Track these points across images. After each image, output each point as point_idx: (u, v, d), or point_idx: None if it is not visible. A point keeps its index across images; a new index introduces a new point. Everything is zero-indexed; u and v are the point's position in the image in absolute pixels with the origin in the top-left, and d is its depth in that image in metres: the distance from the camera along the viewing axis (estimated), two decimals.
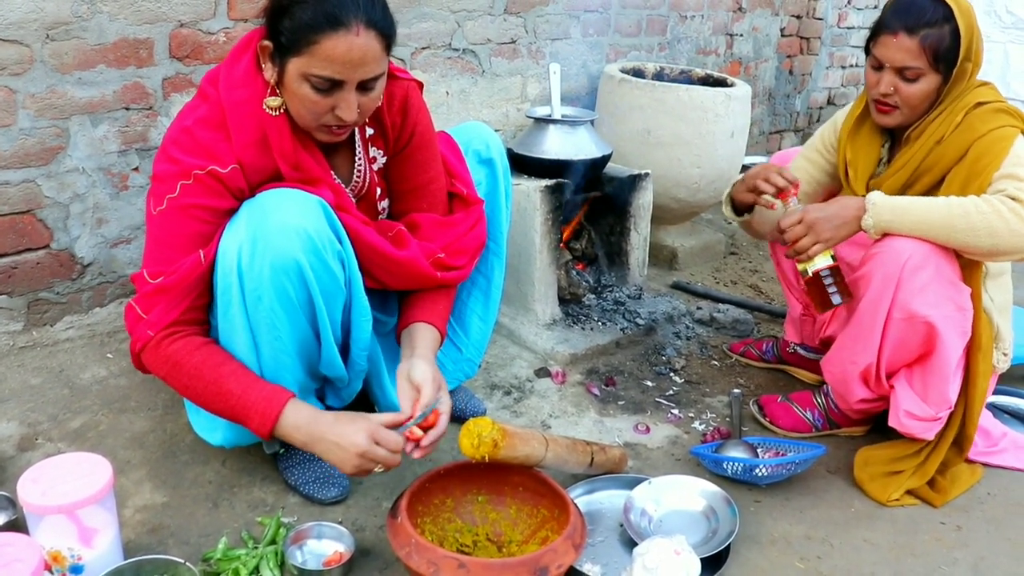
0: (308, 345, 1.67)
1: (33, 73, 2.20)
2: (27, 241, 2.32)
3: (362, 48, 1.49)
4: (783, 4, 4.51)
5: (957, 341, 1.91)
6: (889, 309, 1.89)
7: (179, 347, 1.59)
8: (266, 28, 1.55)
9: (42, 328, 2.41)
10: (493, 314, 2.13)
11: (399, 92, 1.78)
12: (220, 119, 1.59)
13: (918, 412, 1.96)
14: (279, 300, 1.56)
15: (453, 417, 2.11)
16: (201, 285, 1.60)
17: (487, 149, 2.00)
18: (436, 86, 3.05)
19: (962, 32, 1.88)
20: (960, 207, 1.83)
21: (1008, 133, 1.89)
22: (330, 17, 1.46)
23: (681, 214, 3.39)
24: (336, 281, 1.62)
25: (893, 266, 1.86)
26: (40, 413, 2.09)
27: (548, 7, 3.31)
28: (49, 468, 1.51)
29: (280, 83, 1.57)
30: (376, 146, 1.81)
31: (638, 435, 2.19)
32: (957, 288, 1.89)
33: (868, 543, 1.82)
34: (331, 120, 1.57)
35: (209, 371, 1.58)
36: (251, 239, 1.53)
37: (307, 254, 1.54)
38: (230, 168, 1.58)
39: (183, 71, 2.44)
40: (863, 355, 1.98)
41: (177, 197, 1.56)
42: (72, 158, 2.32)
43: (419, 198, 1.86)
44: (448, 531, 1.67)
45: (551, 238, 2.61)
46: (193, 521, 1.75)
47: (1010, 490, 2.03)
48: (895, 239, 1.87)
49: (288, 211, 1.54)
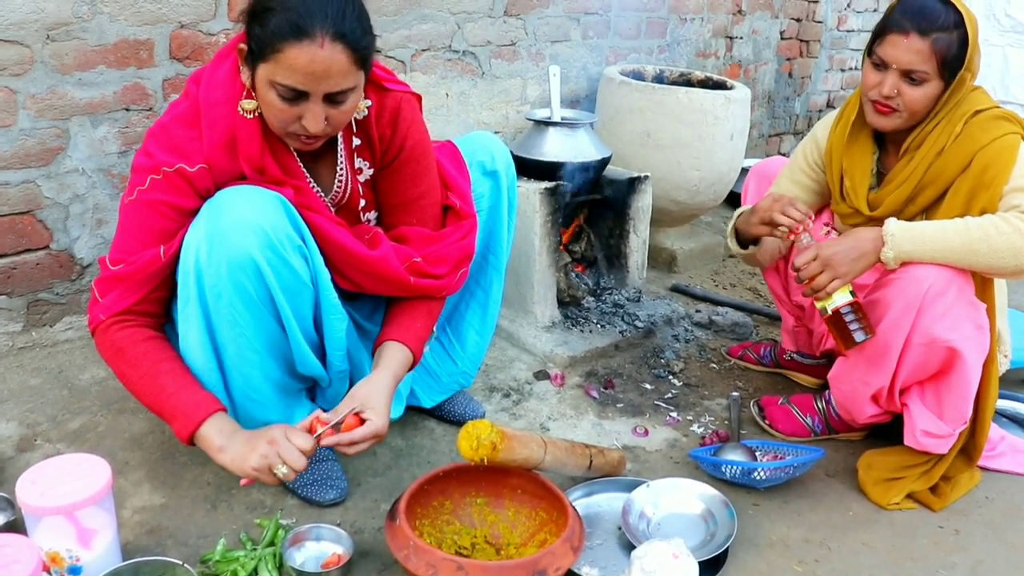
0: (277, 342, 1.67)
1: (33, 74, 2.20)
2: (27, 242, 2.32)
3: (325, 61, 1.46)
4: (783, 7, 4.51)
5: (977, 359, 1.87)
6: (908, 335, 1.84)
7: (126, 335, 1.60)
8: (245, 31, 1.55)
9: (41, 329, 2.41)
10: (490, 328, 2.13)
11: (390, 104, 1.75)
12: (196, 117, 1.60)
13: (934, 430, 1.92)
14: (239, 296, 1.56)
15: (452, 420, 2.14)
16: (157, 279, 1.62)
17: (492, 161, 1.98)
18: (436, 88, 3.05)
19: (969, 40, 1.85)
20: (980, 230, 1.79)
21: (1011, 142, 1.87)
22: (294, 27, 1.44)
23: (680, 217, 3.39)
24: (297, 277, 1.61)
25: (914, 294, 1.80)
26: (39, 414, 2.09)
27: (548, 9, 3.31)
28: (48, 469, 1.51)
29: (252, 87, 1.57)
30: (362, 157, 1.79)
31: (637, 438, 2.19)
32: (975, 307, 1.85)
33: (866, 547, 1.82)
34: (299, 129, 1.55)
35: (148, 364, 1.59)
36: (208, 236, 1.53)
37: (263, 250, 1.53)
38: (198, 167, 1.58)
39: (183, 72, 2.44)
40: (877, 378, 1.93)
41: (146, 191, 1.58)
42: (72, 159, 2.32)
43: (408, 212, 1.84)
44: (446, 533, 1.67)
45: (550, 240, 2.61)
46: (192, 522, 1.76)
47: (1008, 494, 2.03)
48: (914, 268, 1.83)
49: (244, 207, 1.54)
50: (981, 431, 1.99)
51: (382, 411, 1.61)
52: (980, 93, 1.96)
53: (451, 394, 2.15)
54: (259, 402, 1.71)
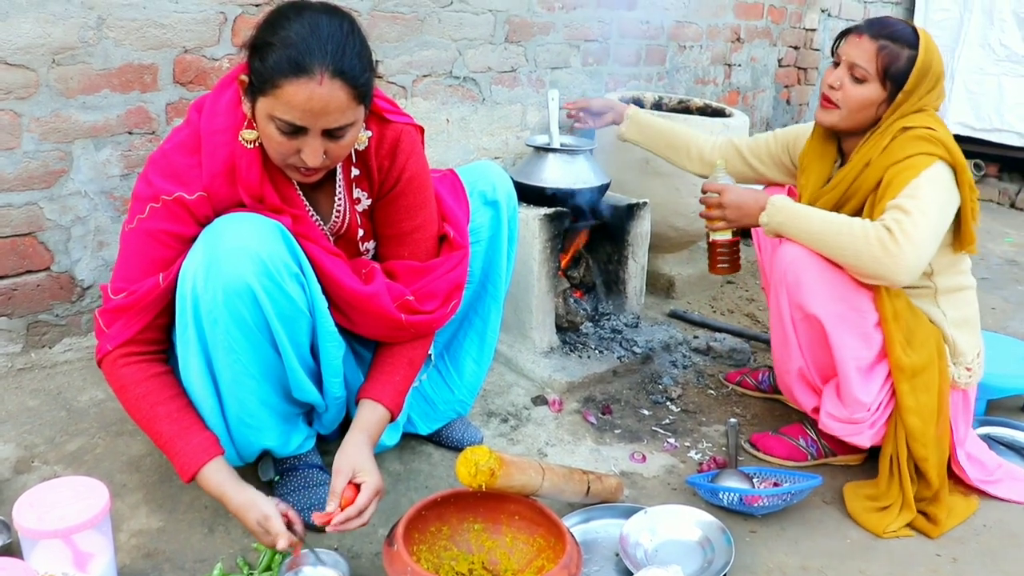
0: (274, 368, 1.68)
1: (38, 97, 2.22)
2: (28, 263, 2.33)
3: (324, 98, 1.47)
4: (781, 35, 4.56)
5: (851, 341, 1.95)
6: (791, 311, 2.00)
7: (130, 372, 1.63)
8: (247, 62, 1.56)
9: (41, 350, 2.41)
10: (488, 357, 2.13)
11: (390, 136, 1.76)
12: (196, 145, 1.61)
13: (836, 413, 2.03)
14: (235, 323, 1.57)
15: (450, 446, 2.14)
16: (158, 307, 1.63)
17: (493, 191, 1.99)
18: (437, 114, 3.07)
19: (917, 64, 1.96)
20: (839, 226, 1.93)
21: (919, 162, 1.93)
22: (293, 63, 1.45)
23: (679, 243, 3.40)
24: (293, 304, 1.61)
25: (780, 268, 1.99)
26: (37, 435, 2.09)
27: (548, 36, 3.35)
28: (45, 492, 1.51)
29: (253, 118, 1.58)
30: (361, 187, 1.79)
31: (634, 464, 2.19)
32: (853, 290, 1.95)
33: (863, 574, 1.82)
34: (297, 162, 1.56)
35: (147, 407, 1.62)
36: (206, 263, 1.54)
37: (259, 277, 1.54)
38: (196, 195, 1.59)
39: (186, 96, 2.46)
40: (791, 360, 2.08)
41: (145, 219, 1.59)
42: (75, 181, 2.34)
43: (401, 244, 1.84)
44: (444, 559, 1.67)
45: (549, 266, 2.62)
46: (189, 546, 1.75)
47: (1006, 522, 2.03)
48: (784, 244, 2.01)
49: (241, 234, 1.55)
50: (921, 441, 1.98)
51: (372, 468, 1.64)
52: (927, 116, 2.01)
53: (448, 421, 2.16)
54: (255, 427, 1.72)
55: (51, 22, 2.18)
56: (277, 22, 1.50)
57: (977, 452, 2.16)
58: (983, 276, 3.95)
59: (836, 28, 4.89)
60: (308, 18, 1.49)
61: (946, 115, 5.36)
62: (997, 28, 5.16)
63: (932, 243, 1.90)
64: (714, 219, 2.19)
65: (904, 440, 1.99)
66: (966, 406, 2.12)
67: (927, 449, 1.97)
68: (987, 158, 5.56)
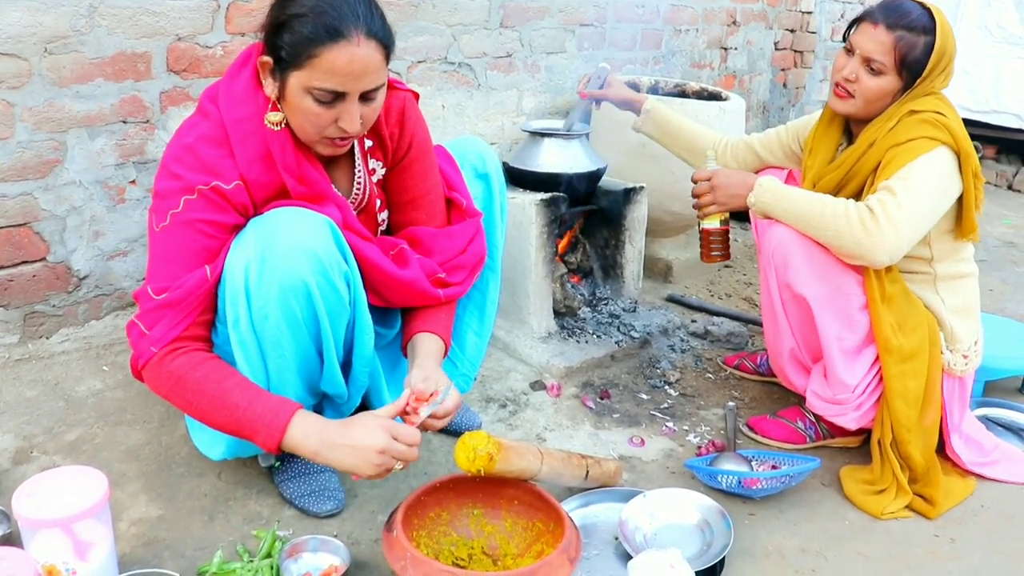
0: (310, 363, 1.68)
1: (31, 86, 2.21)
2: (24, 254, 2.32)
3: (363, 59, 1.50)
4: (777, 18, 4.54)
5: (834, 323, 1.97)
6: (780, 291, 2.02)
7: (182, 363, 1.56)
8: (265, 44, 1.56)
9: (38, 341, 2.41)
10: (488, 329, 2.14)
11: (396, 103, 1.79)
12: (222, 136, 1.60)
13: (821, 393, 2.05)
14: (285, 319, 1.56)
15: (448, 431, 2.14)
16: (206, 301, 1.60)
17: (483, 164, 2.01)
18: (432, 99, 3.06)
19: (935, 50, 1.92)
20: (822, 206, 1.94)
21: (920, 146, 1.92)
22: (330, 29, 1.47)
23: (676, 227, 3.40)
24: (341, 301, 1.62)
25: (768, 249, 2.01)
26: (35, 426, 2.09)
27: (543, 21, 3.33)
28: (44, 481, 1.51)
29: (281, 98, 1.58)
30: (375, 158, 1.82)
31: (633, 448, 2.19)
32: (839, 272, 1.96)
33: (862, 556, 1.82)
34: (334, 132, 1.58)
35: (213, 386, 1.55)
36: (260, 258, 1.52)
37: (315, 275, 1.54)
38: (234, 184, 1.58)
39: (180, 84, 2.45)
40: (782, 340, 2.10)
41: (181, 212, 1.56)
42: (69, 171, 2.33)
43: (417, 208, 1.87)
44: (443, 544, 1.67)
45: (546, 251, 2.62)
46: (188, 534, 1.76)
47: (1004, 502, 2.03)
48: (772, 225, 2.02)
49: (297, 231, 1.54)
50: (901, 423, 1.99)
51: (448, 380, 1.68)
52: (936, 99, 1.99)
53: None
54: None
55: (42, 10, 2.17)
56: None
57: (974, 433, 2.16)
58: (981, 258, 3.92)
59: (832, 10, 4.88)
60: None
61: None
62: (995, 10, 5.15)
63: (916, 227, 1.89)
64: (705, 205, 2.18)
65: (890, 424, 1.99)
66: (962, 393, 2.12)
67: (910, 433, 1.98)
68: (985, 140, 5.55)
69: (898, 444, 1.99)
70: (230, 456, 1.80)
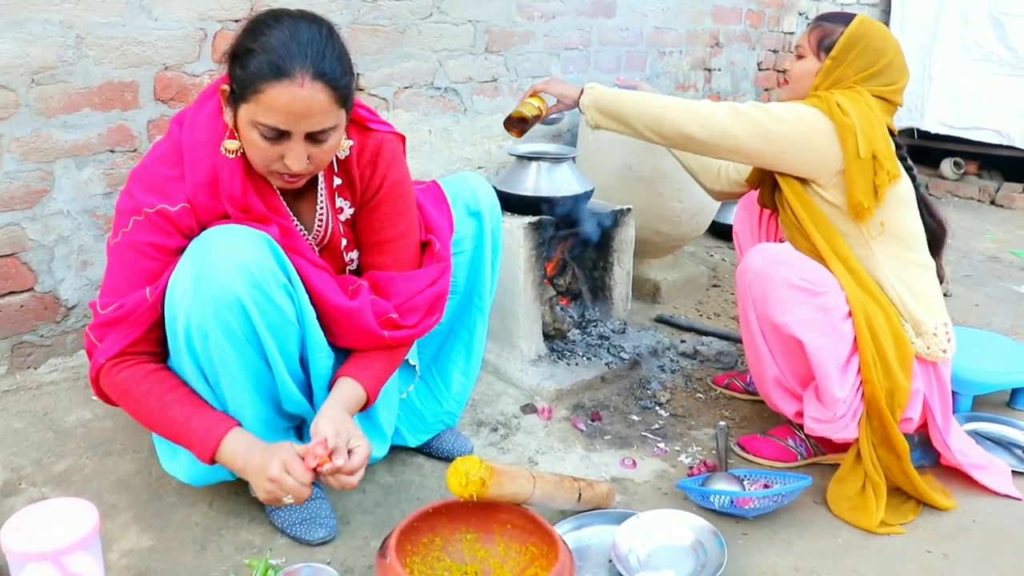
0: (264, 381, 1.67)
1: (18, 117, 2.21)
2: (11, 284, 2.32)
3: (305, 100, 1.48)
4: (759, 39, 4.59)
5: (823, 341, 1.96)
6: (759, 323, 2.04)
7: (128, 375, 1.62)
8: (228, 73, 1.57)
9: (26, 371, 2.40)
10: (475, 368, 2.13)
11: (372, 144, 1.77)
12: (177, 157, 1.62)
13: (819, 416, 2.04)
14: (224, 335, 1.57)
15: (441, 456, 2.14)
16: (149, 320, 1.62)
17: (476, 201, 2.00)
18: (419, 125, 3.08)
19: (846, 33, 2.09)
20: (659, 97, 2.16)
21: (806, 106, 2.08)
22: (274, 67, 1.46)
23: (664, 247, 3.42)
24: (282, 315, 1.61)
25: (744, 283, 2.03)
26: (24, 457, 2.08)
27: (528, 45, 3.36)
28: (33, 514, 1.49)
29: (235, 127, 1.59)
30: (343, 196, 1.80)
31: (625, 469, 2.19)
32: (811, 292, 1.97)
33: (856, 573, 1.82)
34: (281, 168, 1.57)
35: (156, 398, 1.61)
36: (194, 276, 1.54)
37: (248, 288, 1.54)
38: (179, 207, 1.60)
39: (167, 113, 2.46)
40: (766, 370, 2.11)
41: (129, 232, 1.60)
42: (57, 201, 2.33)
43: (383, 252, 1.84)
44: (437, 570, 1.67)
45: (535, 274, 2.63)
46: (180, 564, 1.74)
47: (995, 517, 2.04)
48: (744, 258, 2.05)
49: (229, 246, 1.55)
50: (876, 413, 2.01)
51: (362, 434, 1.62)
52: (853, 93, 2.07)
53: (436, 433, 2.15)
54: None
55: (29, 42, 2.18)
56: (257, 30, 1.51)
57: (963, 447, 2.17)
58: (966, 273, 3.98)
59: None
60: (287, 25, 1.51)
61: (924, 114, 5.41)
62: (973, 28, 5.21)
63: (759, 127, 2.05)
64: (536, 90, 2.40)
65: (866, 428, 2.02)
66: (940, 384, 2.11)
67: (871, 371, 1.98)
68: (967, 156, 5.61)
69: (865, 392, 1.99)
70: (195, 482, 1.81)
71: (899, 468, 2.02)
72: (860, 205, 2.01)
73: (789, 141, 2.04)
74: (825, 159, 2.03)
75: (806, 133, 2.03)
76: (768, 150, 2.06)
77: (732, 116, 2.07)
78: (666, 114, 2.12)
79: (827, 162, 2.03)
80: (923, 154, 5.61)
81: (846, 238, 2.07)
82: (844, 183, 2.03)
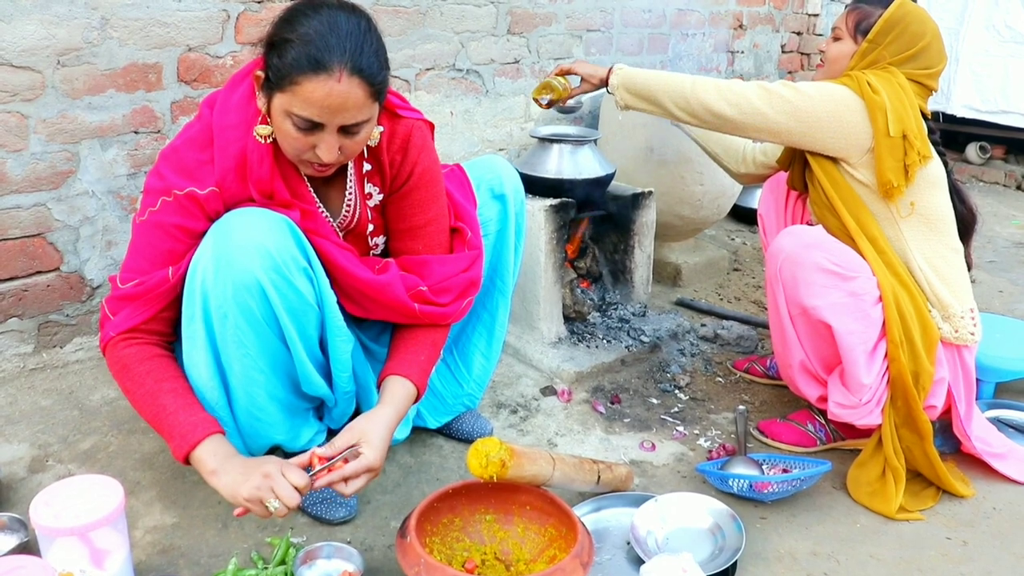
0: (283, 363, 1.68)
1: (45, 98, 2.23)
2: (38, 264, 2.34)
3: (342, 95, 1.48)
4: (783, 21, 4.54)
5: (853, 326, 1.95)
6: (789, 307, 2.03)
7: (132, 352, 1.62)
8: (263, 58, 1.57)
9: (52, 350, 2.43)
10: (496, 351, 2.14)
11: (402, 131, 1.77)
12: (207, 140, 1.62)
13: (843, 401, 2.03)
14: (244, 318, 1.58)
15: (461, 438, 2.15)
16: (166, 300, 1.63)
17: (500, 185, 2.00)
18: (440, 106, 3.08)
19: (884, 16, 2.06)
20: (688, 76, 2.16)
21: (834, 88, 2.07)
22: (312, 60, 1.45)
23: (684, 231, 3.40)
24: (302, 298, 1.62)
25: (774, 265, 2.02)
26: (50, 435, 2.11)
27: (551, 27, 3.34)
28: (61, 490, 1.52)
29: (268, 114, 1.58)
30: (373, 183, 1.80)
31: (644, 452, 2.20)
32: (842, 276, 1.95)
33: (874, 559, 1.82)
34: (312, 158, 1.57)
35: (152, 382, 1.59)
36: (215, 258, 1.55)
37: (268, 271, 1.55)
38: (208, 190, 1.60)
39: (191, 95, 2.47)
40: (791, 353, 2.10)
41: (157, 212, 1.60)
42: (82, 181, 2.35)
43: (415, 238, 1.85)
44: (456, 550, 1.68)
45: (556, 257, 2.63)
46: (203, 542, 1.77)
47: (1015, 505, 2.03)
48: (775, 241, 2.04)
49: (250, 229, 1.56)
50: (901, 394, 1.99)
51: (378, 445, 1.57)
52: (887, 73, 2.06)
53: (456, 415, 2.17)
54: (264, 421, 1.73)
55: (55, 23, 2.19)
56: (295, 18, 1.51)
57: (984, 435, 2.16)
58: (990, 259, 3.94)
59: (838, 13, 4.87)
60: (326, 15, 1.50)
61: (951, 97, 5.34)
62: (1002, 9, 5.12)
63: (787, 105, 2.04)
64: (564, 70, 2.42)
65: (890, 415, 2.00)
66: (964, 370, 2.10)
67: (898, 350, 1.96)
68: (993, 140, 5.54)
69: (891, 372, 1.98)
70: None
71: (921, 450, 2.01)
72: (889, 183, 1.99)
73: (817, 118, 2.03)
74: (855, 136, 2.02)
75: (834, 110, 2.02)
76: (797, 128, 2.05)
77: (761, 94, 2.07)
78: (696, 93, 2.12)
79: (857, 139, 2.02)
80: (949, 138, 5.53)
81: (876, 218, 2.06)
82: (874, 162, 2.02)
